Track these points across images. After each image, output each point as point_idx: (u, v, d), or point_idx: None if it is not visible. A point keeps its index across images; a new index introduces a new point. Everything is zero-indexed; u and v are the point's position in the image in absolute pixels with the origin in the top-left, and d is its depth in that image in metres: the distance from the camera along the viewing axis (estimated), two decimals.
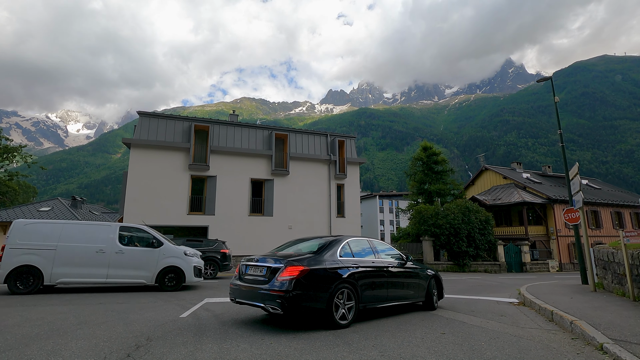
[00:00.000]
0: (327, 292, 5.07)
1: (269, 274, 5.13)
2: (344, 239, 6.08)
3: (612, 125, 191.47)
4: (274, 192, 21.15)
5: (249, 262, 5.69)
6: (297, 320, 5.66)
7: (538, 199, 25.99)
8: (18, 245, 8.66)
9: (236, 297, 5.53)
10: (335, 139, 22.94)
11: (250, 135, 21.59)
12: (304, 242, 6.37)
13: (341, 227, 22.06)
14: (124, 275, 9.31)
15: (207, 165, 19.83)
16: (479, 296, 10.07)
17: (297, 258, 5.22)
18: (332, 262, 5.41)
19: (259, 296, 5.03)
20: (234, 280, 5.79)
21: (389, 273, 6.33)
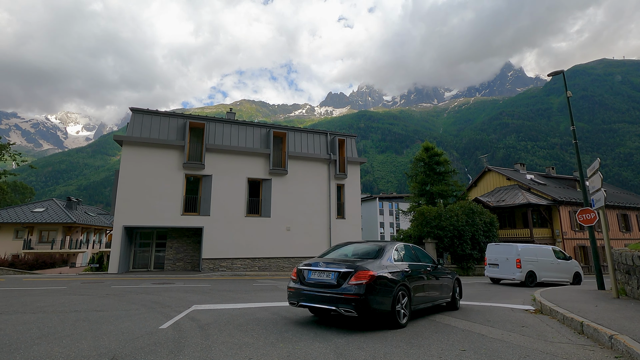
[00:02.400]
0: (391, 295, 5.43)
1: (339, 278, 5.33)
2: (394, 244, 6.49)
3: (611, 128, 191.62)
4: (272, 193, 20.42)
5: (311, 266, 5.79)
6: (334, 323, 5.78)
7: (543, 201, 25.30)
8: (524, 258, 14.28)
9: (299, 301, 5.64)
10: (335, 137, 22.24)
11: (247, 133, 20.88)
12: (345, 247, 6.74)
13: (341, 229, 21.33)
14: (561, 277, 15.10)
15: (202, 164, 19.11)
16: (490, 302, 9.34)
17: (364, 264, 5.48)
18: (392, 267, 5.81)
19: (330, 300, 5.25)
20: (294, 284, 5.90)
21: (429, 276, 6.81)
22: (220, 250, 18.94)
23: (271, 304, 8.00)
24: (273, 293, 10.23)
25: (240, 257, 19.30)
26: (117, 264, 17.10)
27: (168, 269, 19.10)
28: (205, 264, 18.65)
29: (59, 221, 34.32)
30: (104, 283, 12.37)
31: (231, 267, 19.05)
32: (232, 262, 19.15)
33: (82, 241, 38.81)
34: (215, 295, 9.37)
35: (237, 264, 19.19)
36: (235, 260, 19.21)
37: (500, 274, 14.79)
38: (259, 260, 19.64)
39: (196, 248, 19.52)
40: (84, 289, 10.47)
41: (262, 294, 9.87)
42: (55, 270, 30.34)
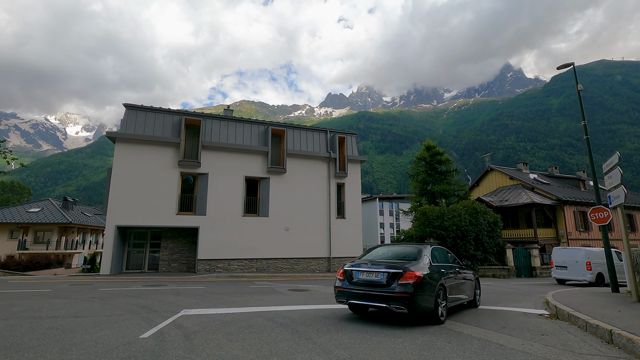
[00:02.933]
0: (433, 293, 5.92)
1: (389, 278, 5.79)
2: (429, 247, 6.95)
3: (610, 129, 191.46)
4: (270, 191, 19.86)
5: (358, 267, 6.26)
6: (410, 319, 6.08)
7: (547, 200, 24.77)
8: (593, 261, 15.41)
9: (348, 299, 6.15)
10: (335, 135, 21.68)
11: (245, 130, 20.32)
12: (383, 249, 7.31)
13: (341, 229, 20.77)
14: (621, 278, 13.90)
15: (199, 162, 18.55)
16: (500, 306, 8.77)
17: (409, 265, 5.94)
18: (432, 268, 6.28)
19: (381, 298, 5.72)
20: (341, 284, 6.35)
21: (457, 276, 7.27)
22: (217, 251, 18.37)
23: (267, 308, 7.44)
24: (270, 296, 9.66)
25: (238, 257, 18.73)
26: (109, 265, 16.52)
27: (163, 270, 18.52)
28: (201, 265, 18.08)
29: (54, 221, 33.71)
30: (93, 285, 11.79)
31: (228, 269, 18.48)
32: (229, 263, 18.58)
33: (78, 242, 38.18)
34: (208, 299, 8.81)
35: (234, 265, 18.62)
36: (232, 261, 18.64)
37: (569, 276, 16.16)
38: (256, 261, 19.07)
39: (192, 248, 18.95)
40: (69, 292, 9.90)
41: (258, 297, 9.30)
42: (50, 272, 29.74)
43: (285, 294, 10.14)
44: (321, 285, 13.24)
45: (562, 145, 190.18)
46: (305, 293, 10.51)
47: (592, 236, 25.48)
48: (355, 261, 6.64)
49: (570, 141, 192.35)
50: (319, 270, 20.02)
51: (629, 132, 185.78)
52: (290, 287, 12.25)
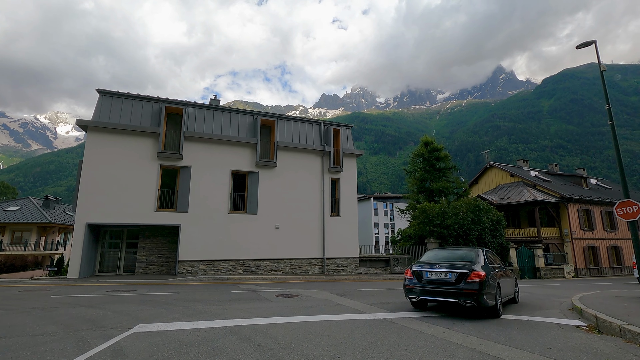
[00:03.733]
0: (494, 290, 6.84)
1: (457, 277, 6.67)
2: (482, 250, 7.73)
3: (600, 131, 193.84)
4: (259, 187, 18.36)
5: (427, 268, 7.13)
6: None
7: (551, 198, 23.72)
8: None
9: (419, 296, 7.01)
10: (330, 127, 20.27)
11: (232, 121, 18.80)
12: (443, 252, 8.08)
13: (335, 228, 19.35)
14: None
15: (180, 154, 16.97)
16: (523, 315, 7.44)
17: (474, 266, 6.79)
18: (490, 268, 7.08)
19: (451, 294, 6.63)
20: (410, 282, 7.23)
21: (504, 275, 7.94)
22: (200, 252, 16.80)
23: (245, 321, 5.98)
24: (252, 304, 8.18)
25: (223, 259, 17.18)
26: (77, 268, 14.83)
27: (140, 272, 16.88)
28: (182, 267, 16.49)
29: (33, 221, 31.71)
30: (49, 291, 10.16)
31: (212, 271, 16.92)
32: (213, 265, 17.02)
33: (60, 242, 36.12)
34: (176, 308, 7.30)
35: (218, 266, 17.06)
36: (216, 263, 17.08)
37: None
38: (243, 263, 17.54)
39: (172, 249, 17.34)
40: (11, 300, 8.29)
41: (237, 306, 7.82)
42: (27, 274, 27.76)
43: (271, 301, 8.67)
44: (313, 289, 11.80)
45: (553, 146, 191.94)
46: (295, 299, 9.06)
47: (597, 235, 24.51)
48: (422, 262, 7.51)
49: (561, 143, 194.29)
50: (312, 272, 18.58)
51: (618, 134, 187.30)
52: (278, 291, 10.78)
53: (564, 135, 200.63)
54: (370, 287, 13.05)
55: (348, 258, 19.39)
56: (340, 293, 10.67)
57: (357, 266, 19.38)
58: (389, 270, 19.73)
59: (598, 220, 24.83)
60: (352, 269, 19.28)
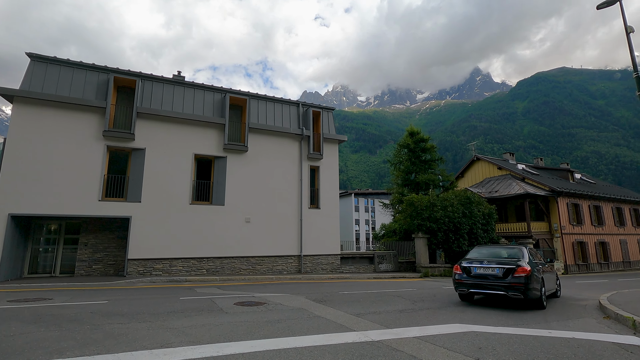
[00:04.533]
0: (539, 284, 7.61)
1: (504, 272, 7.49)
2: (525, 248, 8.43)
3: (569, 133, 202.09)
4: (227, 174, 15.98)
5: (475, 264, 8.01)
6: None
7: (540, 191, 22.65)
8: None
9: (469, 289, 7.91)
10: (309, 109, 18.11)
11: (196, 98, 16.28)
12: (488, 249, 9.02)
13: (315, 221, 17.27)
14: None
15: (132, 134, 14.34)
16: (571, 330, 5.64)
17: (519, 262, 7.60)
18: (533, 264, 7.78)
19: (500, 287, 7.47)
20: (460, 277, 8.11)
21: (546, 271, 8.71)
22: (155, 249, 14.27)
23: (165, 354, 3.76)
24: (197, 319, 5.95)
25: (183, 256, 14.72)
26: None
27: (81, 273, 14.14)
28: (133, 267, 13.90)
29: None
30: None
31: (169, 271, 14.42)
32: (171, 264, 14.53)
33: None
34: (79, 330, 4.97)
35: (177, 266, 14.58)
36: (175, 262, 14.60)
37: None
38: (207, 261, 15.14)
39: (122, 245, 14.70)
40: None
41: (174, 323, 5.57)
42: None
43: (225, 313, 6.47)
44: (286, 292, 9.66)
45: (526, 147, 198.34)
46: (259, 310, 6.90)
47: (585, 230, 23.74)
48: (470, 259, 8.32)
49: (533, 143, 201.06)
50: (287, 270, 16.43)
51: (586, 136, 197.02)
52: (241, 297, 8.56)
53: (537, 136, 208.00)
54: (355, 288, 11.07)
55: (328, 255, 17.38)
56: (319, 298, 8.60)
57: (338, 264, 17.40)
58: (373, 269, 17.88)
59: (586, 215, 24.11)
60: (332, 267, 17.28)
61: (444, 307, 7.66)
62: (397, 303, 8.11)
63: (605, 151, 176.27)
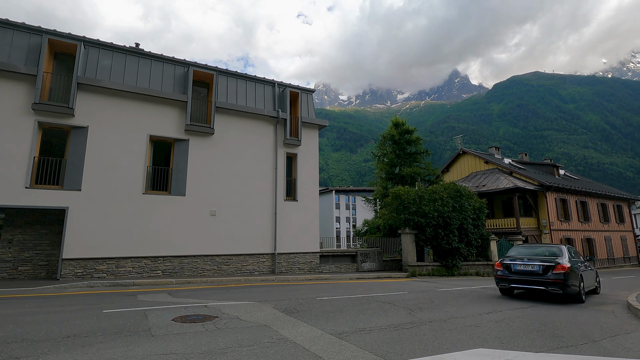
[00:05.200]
0: (577, 280, 8.21)
1: (544, 269, 8.15)
2: (564, 247, 9.05)
3: (541, 135, 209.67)
4: (189, 160, 13.78)
5: (516, 261, 8.65)
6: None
7: (530, 186, 21.72)
8: None
9: (510, 284, 8.63)
10: (286, 90, 16.13)
11: (153, 70, 13.95)
12: (527, 248, 9.68)
13: (291, 215, 15.34)
14: None
15: (70, 108, 11.90)
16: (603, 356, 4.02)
17: (558, 259, 8.21)
18: (573, 262, 8.45)
19: (540, 283, 8.10)
20: (501, 273, 8.82)
21: (586, 269, 9.28)
22: (98, 246, 11.91)
23: None
24: (101, 349, 3.91)
25: (133, 255, 12.42)
26: None
27: (3, 277, 11.59)
28: (70, 268, 11.50)
29: None
30: None
31: (115, 272, 12.09)
32: (118, 265, 12.20)
33: None
34: None
35: (126, 266, 12.27)
36: (123, 262, 12.28)
37: None
38: (164, 261, 12.90)
39: (56, 242, 12.23)
40: None
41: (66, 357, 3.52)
42: None
43: (151, 337, 4.46)
44: (252, 300, 7.69)
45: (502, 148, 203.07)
46: (203, 329, 4.92)
47: (572, 227, 23.07)
48: (510, 257, 9.05)
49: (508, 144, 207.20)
50: (259, 271, 14.43)
51: (557, 138, 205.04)
52: (187, 308, 6.53)
53: (511, 138, 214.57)
54: (336, 292, 9.26)
55: (306, 253, 15.50)
56: (291, 307, 6.71)
57: (317, 263, 15.57)
58: (355, 268, 16.17)
59: (574, 211, 23.48)
60: (311, 266, 15.43)
61: (451, 319, 5.97)
62: (390, 313, 6.35)
63: (574, 153, 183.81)
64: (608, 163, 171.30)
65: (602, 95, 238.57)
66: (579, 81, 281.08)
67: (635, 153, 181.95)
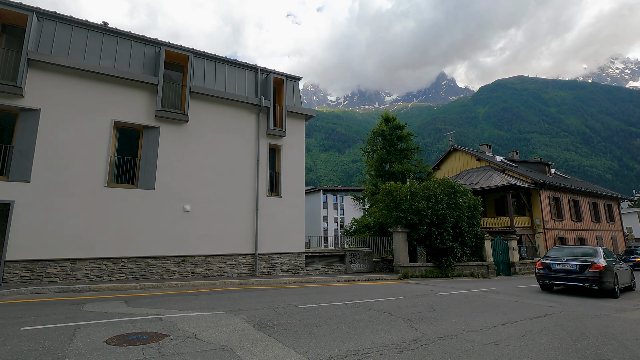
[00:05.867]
0: (612, 278, 9.23)
1: (581, 268, 9.33)
2: (599, 248, 10.11)
3: (525, 137, 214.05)
4: (160, 150, 12.33)
5: (556, 261, 9.92)
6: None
7: (523, 183, 21.04)
8: None
9: (550, 280, 9.89)
10: (270, 75, 14.84)
11: (120, 49, 12.45)
12: (565, 249, 10.88)
13: (275, 211, 14.06)
14: None
15: (19, 87, 10.33)
16: None
17: (594, 259, 9.33)
18: (608, 262, 9.46)
19: (578, 280, 9.33)
20: (542, 271, 10.16)
21: (620, 267, 10.26)
22: (50, 246, 10.36)
23: None
24: None
25: (93, 256, 10.90)
26: None
27: None
28: (15, 272, 9.92)
29: None
30: None
31: (70, 276, 10.56)
32: (74, 267, 10.67)
33: None
34: None
35: (83, 269, 10.74)
36: (80, 264, 10.75)
37: None
38: (128, 263, 11.42)
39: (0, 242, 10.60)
40: None
41: None
42: None
43: None
44: (221, 309, 6.39)
45: None
46: (142, 357, 3.61)
47: (565, 226, 22.54)
48: (550, 257, 10.35)
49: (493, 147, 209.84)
50: (238, 273, 13.08)
51: (540, 141, 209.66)
52: (135, 322, 5.19)
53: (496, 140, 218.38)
54: (322, 298, 8.04)
55: (290, 254, 14.23)
56: (265, 320, 5.45)
57: (302, 264, 14.32)
58: (344, 269, 15.00)
59: (567, 210, 22.99)
60: (295, 268, 14.17)
61: (463, 334, 4.85)
62: (388, 327, 5.19)
63: (556, 155, 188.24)
64: (588, 165, 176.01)
65: (583, 100, 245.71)
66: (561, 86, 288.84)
67: (614, 156, 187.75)
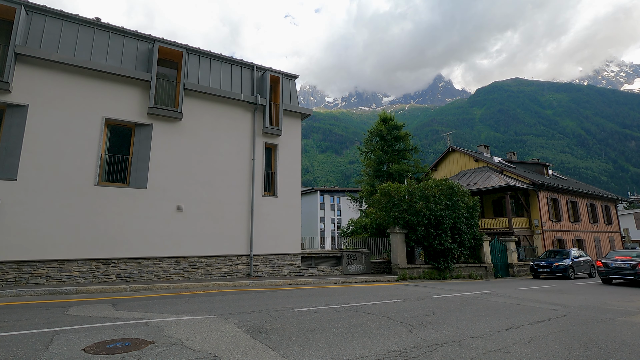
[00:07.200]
0: None
1: (632, 266, 12.67)
2: None
3: (521, 139, 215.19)
4: (153, 148, 12.03)
5: (613, 261, 13.38)
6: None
7: (522, 184, 20.90)
8: None
9: (609, 275, 13.41)
10: (266, 73, 14.59)
11: (112, 44, 12.14)
12: (621, 251, 14.43)
13: (270, 212, 13.77)
14: None
15: (6, 82, 10.01)
16: None
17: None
18: None
19: (630, 274, 12.71)
20: (603, 269, 13.60)
21: None
22: (37, 246, 10.02)
23: None
24: None
25: (81, 257, 10.57)
26: None
27: None
28: (0, 273, 9.56)
29: None
30: None
31: (58, 278, 10.21)
32: (62, 268, 10.32)
33: None
34: None
35: (71, 270, 10.40)
36: (68, 265, 10.41)
37: None
38: (119, 264, 11.09)
39: None
40: None
41: None
42: None
43: None
44: (213, 312, 6.10)
45: None
46: None
47: (563, 227, 22.44)
48: (610, 257, 13.86)
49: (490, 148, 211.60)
50: (233, 275, 12.77)
51: (536, 143, 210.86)
52: (119, 327, 4.89)
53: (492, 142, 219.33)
54: (318, 301, 7.78)
55: (286, 255, 13.96)
56: (258, 325, 5.17)
57: (298, 266, 14.05)
58: (341, 271, 14.74)
59: (564, 211, 22.90)
60: (291, 269, 13.89)
61: (466, 339, 4.60)
62: (387, 332, 4.93)
63: (552, 157, 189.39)
64: (584, 167, 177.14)
65: (578, 102, 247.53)
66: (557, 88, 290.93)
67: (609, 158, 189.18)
